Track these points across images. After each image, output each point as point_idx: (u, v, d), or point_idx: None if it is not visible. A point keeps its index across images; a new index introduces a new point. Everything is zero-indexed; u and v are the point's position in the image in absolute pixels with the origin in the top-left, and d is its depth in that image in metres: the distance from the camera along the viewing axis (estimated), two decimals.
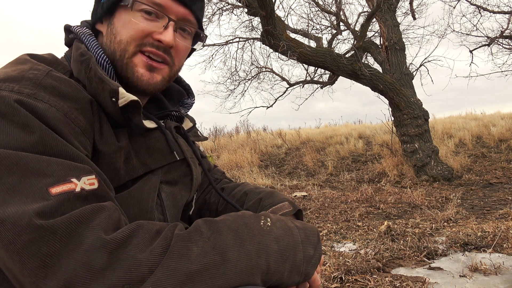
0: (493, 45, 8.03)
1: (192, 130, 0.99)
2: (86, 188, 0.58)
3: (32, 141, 0.57)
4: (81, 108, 0.67)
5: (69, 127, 0.63)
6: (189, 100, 0.99)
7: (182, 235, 0.58)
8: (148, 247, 0.54)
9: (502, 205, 4.26)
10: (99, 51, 0.76)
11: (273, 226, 0.67)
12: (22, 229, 0.50)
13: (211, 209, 1.03)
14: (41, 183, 0.54)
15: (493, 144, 7.93)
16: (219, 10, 7.38)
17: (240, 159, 8.62)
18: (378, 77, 6.42)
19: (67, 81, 0.68)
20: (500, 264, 2.30)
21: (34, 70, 0.66)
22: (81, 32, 0.79)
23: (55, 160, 0.57)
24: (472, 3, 7.75)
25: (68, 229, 0.52)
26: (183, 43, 0.81)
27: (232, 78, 8.56)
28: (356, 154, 8.37)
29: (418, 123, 6.36)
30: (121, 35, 0.75)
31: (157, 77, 0.78)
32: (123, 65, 0.76)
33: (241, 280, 0.58)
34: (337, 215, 4.20)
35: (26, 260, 0.50)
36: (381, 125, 9.32)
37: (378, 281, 2.16)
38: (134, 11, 0.75)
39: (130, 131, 0.76)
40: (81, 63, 0.72)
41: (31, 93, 0.61)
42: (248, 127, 12.26)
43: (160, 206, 0.79)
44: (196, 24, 0.83)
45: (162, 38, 0.75)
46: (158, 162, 0.80)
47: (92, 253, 0.50)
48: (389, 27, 7.03)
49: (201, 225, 0.61)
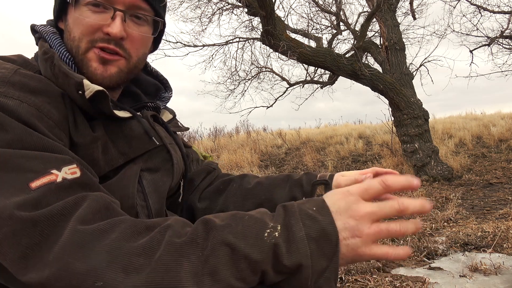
0: (493, 45, 8.02)
1: (173, 122, 0.99)
2: (68, 177, 0.57)
3: (7, 139, 0.57)
4: (53, 101, 0.67)
5: (43, 121, 0.63)
6: (167, 94, 0.99)
7: (175, 245, 0.52)
8: (129, 242, 0.52)
9: (502, 205, 4.25)
10: (61, 49, 0.76)
11: (279, 238, 0.54)
12: (3, 221, 0.50)
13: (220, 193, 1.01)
14: (21, 179, 0.54)
15: (493, 144, 7.92)
16: (219, 10, 7.38)
17: (240, 159, 8.61)
18: (378, 77, 6.42)
19: (36, 77, 0.68)
20: (500, 264, 2.30)
21: (2, 69, 0.66)
22: (44, 31, 0.79)
23: (33, 153, 0.57)
24: (472, 3, 7.75)
25: (49, 221, 0.52)
26: (138, 32, 0.78)
27: (232, 78, 8.56)
28: (356, 154, 8.37)
29: (418, 123, 6.36)
30: (73, 32, 0.75)
31: (111, 69, 0.76)
32: (79, 61, 0.75)
33: None
34: None
35: (7, 251, 0.50)
36: (381, 125, 9.33)
37: (378, 281, 2.16)
38: (81, 6, 0.74)
39: (105, 122, 0.76)
40: (46, 61, 0.72)
41: (0, 91, 0.61)
42: (248, 127, 12.26)
43: (142, 193, 0.78)
44: (150, 10, 0.80)
45: (109, 30, 0.73)
46: (137, 150, 0.79)
47: (70, 246, 0.50)
48: (389, 27, 7.02)
49: (200, 233, 0.54)
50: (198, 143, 10.75)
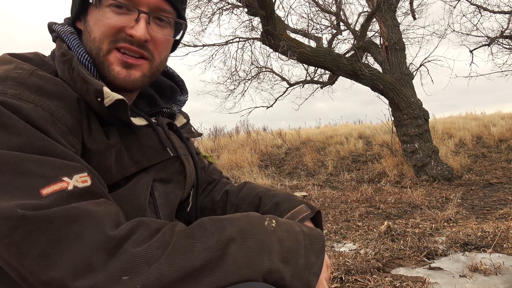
0: (493, 45, 8.02)
1: (186, 127, 0.97)
2: (79, 185, 0.57)
3: (19, 143, 0.56)
4: (68, 106, 0.66)
5: (56, 126, 0.62)
6: (182, 97, 0.97)
7: (185, 232, 0.58)
8: (146, 242, 0.54)
9: (502, 205, 4.26)
10: (81, 50, 0.74)
11: (277, 227, 0.65)
12: (16, 221, 0.49)
13: (216, 207, 1.00)
14: (31, 184, 0.53)
15: (493, 144, 7.92)
16: (219, 10, 7.38)
17: (240, 159, 8.61)
18: (378, 77, 6.42)
19: (52, 80, 0.66)
20: (500, 264, 2.30)
21: (19, 70, 0.65)
22: (62, 31, 0.77)
23: (45, 159, 0.56)
24: (472, 3, 7.75)
25: (66, 218, 0.52)
26: (161, 34, 0.76)
27: (232, 78, 8.56)
28: (356, 154, 8.37)
29: (418, 123, 6.36)
30: (94, 33, 0.73)
31: (135, 73, 0.75)
32: (99, 64, 0.73)
33: (240, 275, 0.56)
34: (337, 215, 4.20)
35: (26, 250, 0.49)
36: (381, 125, 9.32)
37: (378, 281, 2.16)
38: (103, 7, 0.72)
39: (121, 128, 0.74)
40: (64, 63, 0.70)
41: (15, 93, 0.60)
42: (248, 127, 12.27)
43: (153, 205, 0.77)
44: (173, 12, 0.78)
45: (133, 33, 0.71)
46: (151, 160, 0.77)
47: (95, 246, 0.51)
48: (389, 27, 7.02)
49: (205, 222, 0.61)
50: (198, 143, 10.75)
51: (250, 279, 0.57)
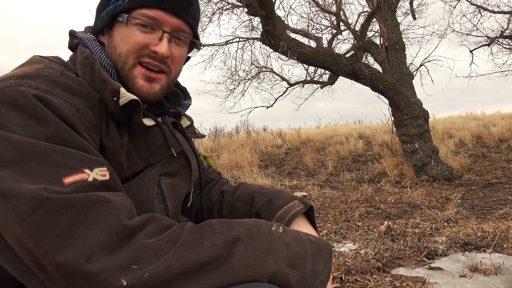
0: (493, 45, 8.03)
1: (190, 128, 1.04)
2: (98, 178, 0.61)
3: (47, 134, 0.61)
4: (92, 105, 0.72)
5: (81, 122, 0.67)
6: (186, 101, 1.04)
7: (194, 229, 0.61)
8: (157, 236, 0.58)
9: (502, 205, 4.26)
10: (103, 55, 0.82)
11: (284, 233, 0.67)
12: (40, 202, 0.53)
13: (213, 207, 1.05)
14: (56, 173, 0.58)
15: (493, 144, 7.92)
16: (219, 10, 7.38)
17: (240, 159, 8.61)
18: (378, 77, 6.42)
19: (78, 80, 0.73)
20: (500, 264, 2.30)
21: (49, 69, 0.71)
22: (85, 38, 0.85)
23: (70, 151, 0.61)
24: (472, 3, 7.75)
25: (85, 203, 0.56)
26: (179, 52, 0.86)
27: (232, 78, 8.56)
28: (356, 154, 8.37)
29: (418, 123, 6.36)
30: (120, 48, 0.81)
31: (155, 87, 0.83)
32: (124, 77, 0.82)
33: (246, 274, 0.58)
34: (337, 215, 4.20)
35: (45, 230, 0.53)
36: (381, 125, 9.33)
37: (378, 281, 2.16)
38: (130, 26, 0.80)
39: (130, 128, 0.81)
40: (86, 66, 0.77)
41: (47, 89, 0.66)
42: (248, 127, 12.26)
43: (160, 196, 0.83)
44: (190, 33, 0.88)
45: (157, 50, 0.80)
46: (157, 157, 0.83)
47: (109, 233, 0.54)
48: (389, 27, 7.02)
49: (214, 222, 0.64)
50: (198, 143, 10.75)
51: (255, 279, 0.59)
